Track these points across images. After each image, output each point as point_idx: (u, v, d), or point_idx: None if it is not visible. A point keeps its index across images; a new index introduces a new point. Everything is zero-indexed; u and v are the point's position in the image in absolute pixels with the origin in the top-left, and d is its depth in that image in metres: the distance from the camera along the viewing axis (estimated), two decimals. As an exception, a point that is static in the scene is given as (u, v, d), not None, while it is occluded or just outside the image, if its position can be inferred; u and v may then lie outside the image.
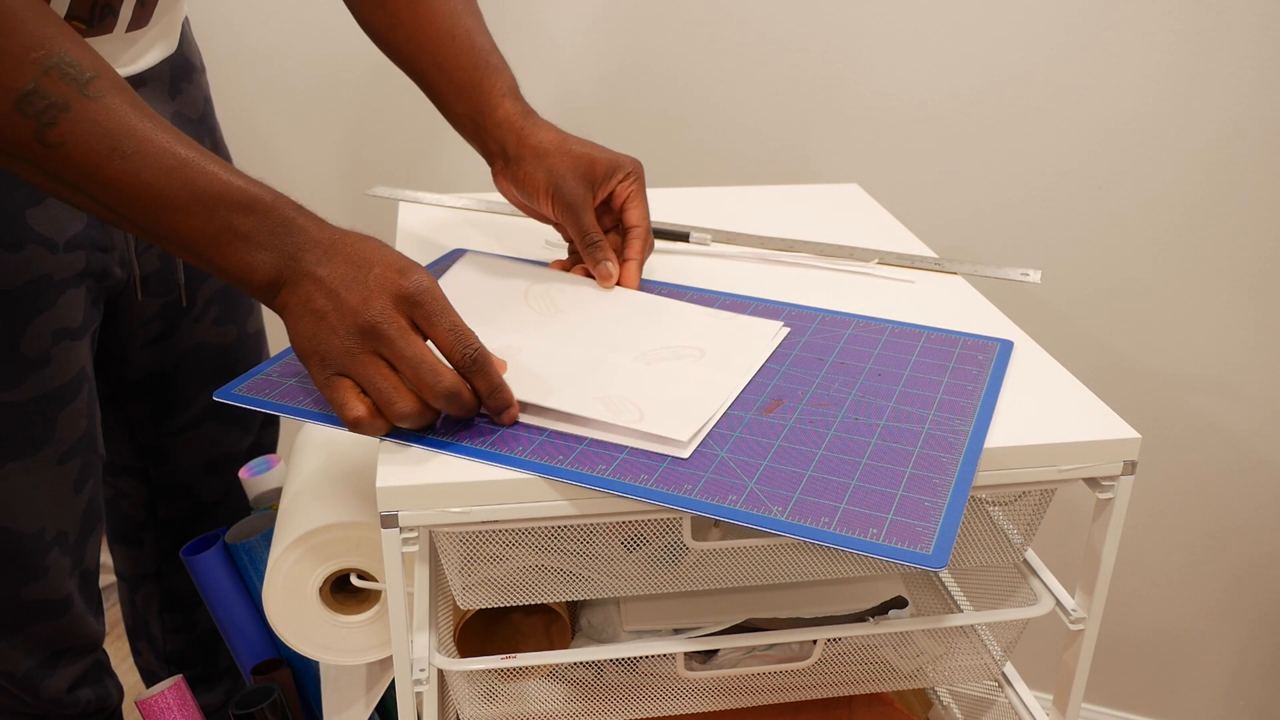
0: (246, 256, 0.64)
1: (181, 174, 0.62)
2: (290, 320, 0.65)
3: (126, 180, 0.61)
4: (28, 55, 0.59)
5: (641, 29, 1.33)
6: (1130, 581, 1.40)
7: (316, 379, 0.64)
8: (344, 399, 0.62)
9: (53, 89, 0.59)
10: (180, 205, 0.62)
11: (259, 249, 0.64)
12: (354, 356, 0.62)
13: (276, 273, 0.64)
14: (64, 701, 0.94)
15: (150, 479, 1.08)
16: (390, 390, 0.62)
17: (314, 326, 0.63)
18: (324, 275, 0.64)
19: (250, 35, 1.45)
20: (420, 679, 0.66)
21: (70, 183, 0.61)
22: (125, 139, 0.61)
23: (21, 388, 0.83)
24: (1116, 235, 1.24)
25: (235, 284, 0.65)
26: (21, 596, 0.88)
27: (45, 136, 0.59)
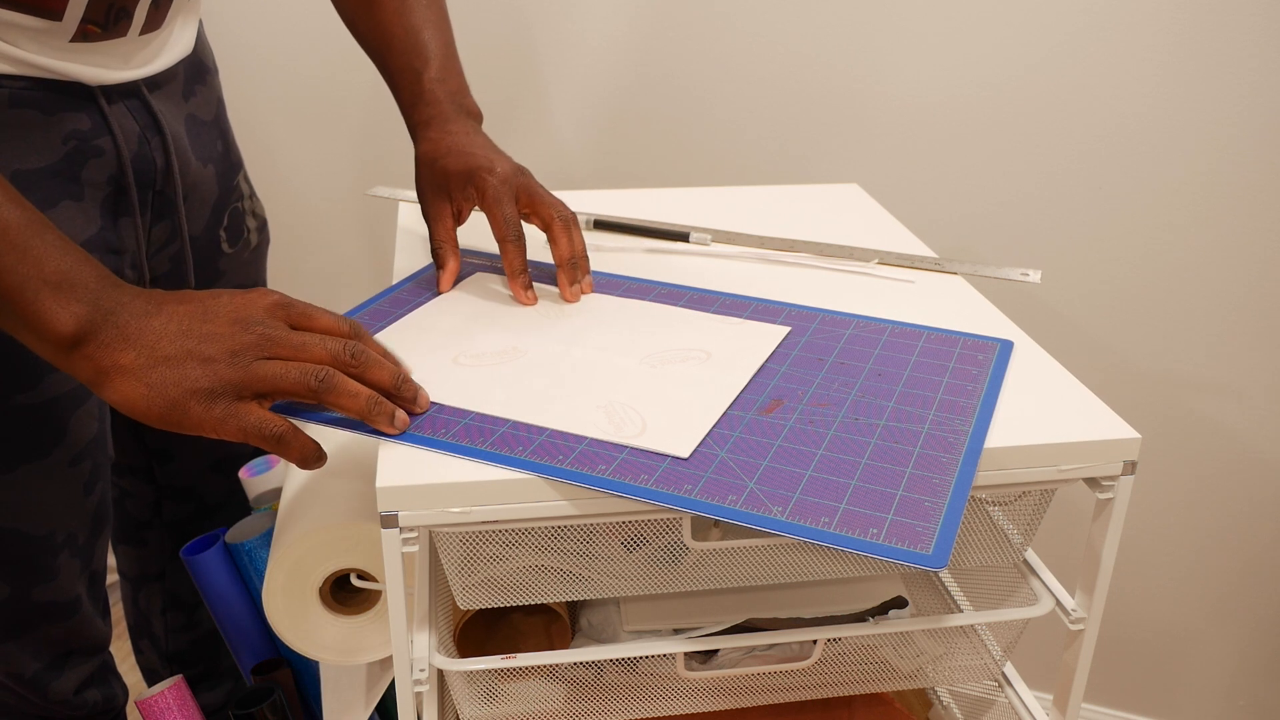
0: (51, 304, 0.59)
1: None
2: (127, 377, 0.60)
3: None
4: None
5: (641, 31, 1.33)
6: (1130, 581, 1.40)
7: (203, 417, 0.60)
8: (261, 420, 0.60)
9: None
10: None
11: (69, 299, 0.59)
12: (249, 370, 0.60)
13: (80, 327, 0.60)
14: (71, 703, 0.94)
15: (156, 479, 1.08)
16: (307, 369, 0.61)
17: (179, 369, 0.60)
18: (167, 320, 0.61)
19: (251, 36, 1.45)
20: (420, 679, 0.66)
21: None
22: None
23: (34, 391, 0.83)
24: (1116, 235, 1.24)
25: (37, 337, 0.60)
26: (31, 598, 0.88)
27: None
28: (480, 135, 0.86)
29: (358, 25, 0.92)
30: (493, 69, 1.36)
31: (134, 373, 0.60)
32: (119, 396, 0.61)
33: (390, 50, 0.89)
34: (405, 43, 0.88)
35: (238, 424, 0.60)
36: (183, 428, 0.61)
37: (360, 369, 0.64)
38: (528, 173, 0.85)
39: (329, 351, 0.63)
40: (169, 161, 0.87)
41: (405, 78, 0.88)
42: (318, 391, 0.62)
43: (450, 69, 0.88)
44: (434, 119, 0.86)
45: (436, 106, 0.86)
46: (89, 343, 0.61)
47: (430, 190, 0.86)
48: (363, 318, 0.80)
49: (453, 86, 0.88)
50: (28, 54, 0.74)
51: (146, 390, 0.60)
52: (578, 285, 0.84)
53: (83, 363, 0.61)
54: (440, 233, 0.86)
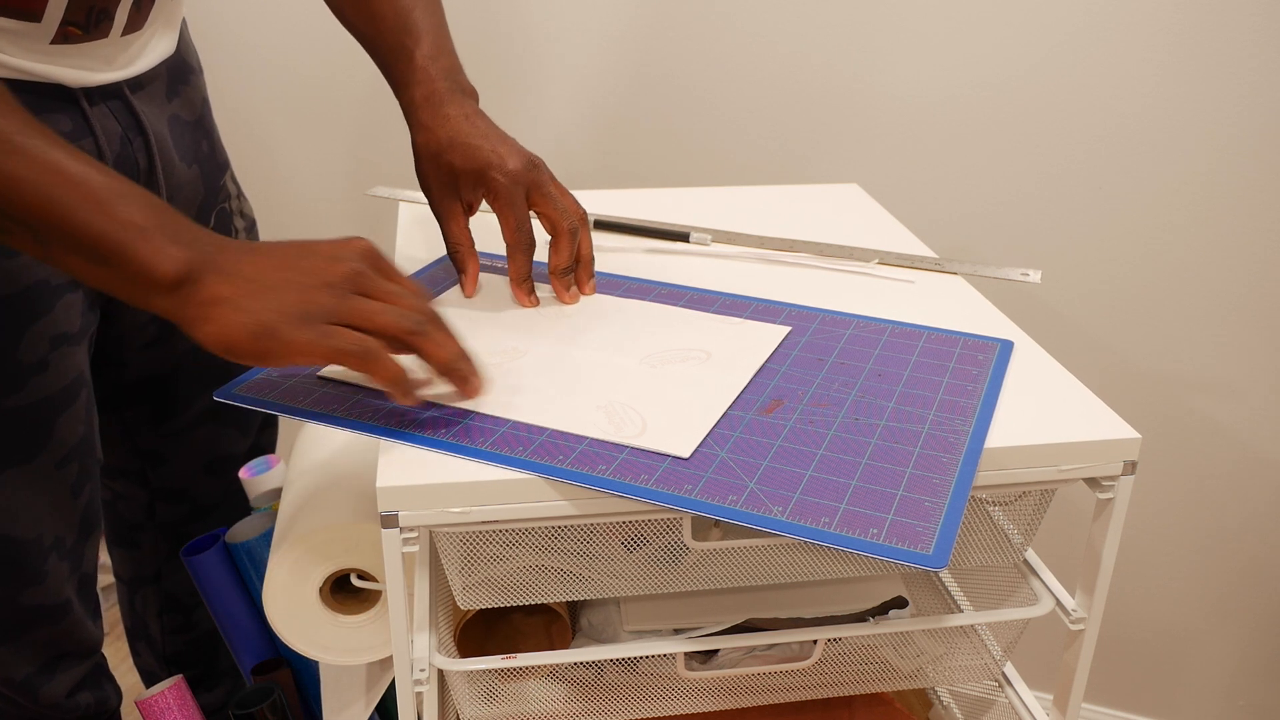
0: (157, 245, 0.60)
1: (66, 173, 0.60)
2: (225, 307, 0.61)
3: (29, 173, 0.58)
4: None
5: (640, 31, 1.33)
6: (1130, 581, 1.40)
7: (294, 338, 0.60)
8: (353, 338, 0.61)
9: None
10: (81, 196, 0.59)
11: (166, 240, 0.60)
12: (344, 300, 0.62)
13: (186, 265, 0.61)
14: (63, 706, 0.94)
15: (148, 481, 1.07)
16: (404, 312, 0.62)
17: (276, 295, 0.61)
18: (265, 256, 0.62)
19: (251, 36, 1.45)
20: (420, 679, 0.66)
21: None
22: (22, 134, 0.58)
23: (20, 394, 0.82)
24: (1116, 235, 1.24)
25: (138, 283, 0.61)
26: (20, 602, 0.88)
27: None
28: (481, 119, 0.83)
29: (346, 11, 0.90)
30: (493, 68, 1.36)
31: (231, 301, 0.61)
32: (214, 328, 0.61)
33: (380, 32, 0.87)
34: (395, 23, 0.86)
35: (329, 344, 0.61)
36: (272, 354, 0.61)
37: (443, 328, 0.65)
38: (539, 166, 0.82)
39: (417, 306, 0.64)
40: (152, 162, 0.86)
41: (397, 57, 0.85)
42: (413, 333, 0.62)
43: (443, 47, 0.86)
44: (429, 98, 0.83)
45: (430, 85, 0.84)
46: (191, 282, 0.61)
47: (437, 186, 0.84)
48: None
49: (446, 64, 0.85)
50: (7, 56, 0.74)
51: (243, 317, 0.60)
52: (574, 288, 0.84)
53: (180, 302, 0.61)
54: (455, 232, 0.84)
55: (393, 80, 0.86)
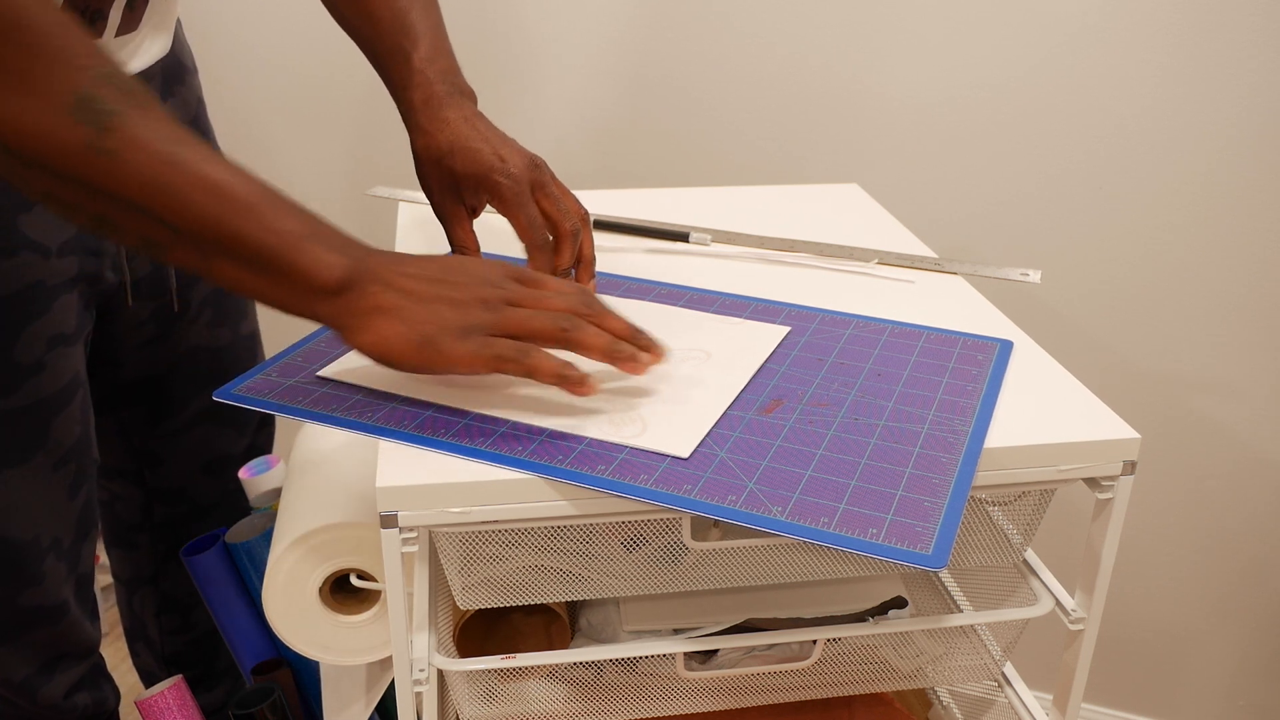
0: (318, 254, 0.61)
1: (239, 177, 0.61)
2: (389, 317, 0.63)
3: (188, 183, 0.59)
4: (80, 63, 0.57)
5: (640, 31, 1.33)
6: (1130, 581, 1.40)
7: (457, 350, 0.63)
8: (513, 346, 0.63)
9: (107, 96, 0.57)
10: (244, 206, 0.60)
11: (326, 249, 0.62)
12: (499, 313, 0.64)
13: (347, 272, 0.62)
14: (61, 707, 0.94)
15: (145, 482, 1.07)
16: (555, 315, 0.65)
17: (435, 309, 0.64)
18: (418, 269, 0.65)
19: (250, 36, 1.45)
20: (420, 679, 0.66)
21: (121, 196, 0.59)
22: (180, 145, 0.59)
23: (16, 395, 0.82)
24: (1116, 235, 1.24)
25: (300, 288, 0.62)
26: (18, 603, 0.88)
27: (101, 143, 0.57)
28: (480, 121, 0.83)
29: (343, 12, 0.90)
30: (492, 69, 1.36)
31: (393, 312, 0.63)
32: (376, 337, 0.63)
33: (377, 34, 0.86)
34: (392, 25, 0.85)
35: (490, 353, 0.63)
36: (434, 364, 0.63)
37: (597, 318, 0.67)
38: (541, 166, 0.82)
39: (568, 303, 0.66)
40: None
41: (394, 59, 0.85)
42: (567, 332, 0.64)
43: (440, 48, 0.86)
44: (428, 101, 0.83)
45: (428, 87, 0.83)
46: (351, 290, 0.63)
47: (440, 191, 0.84)
48: None
49: (444, 66, 0.85)
50: None
51: (405, 328, 0.63)
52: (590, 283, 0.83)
53: (340, 309, 0.63)
54: (460, 236, 0.84)
55: (390, 83, 0.86)
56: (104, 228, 0.61)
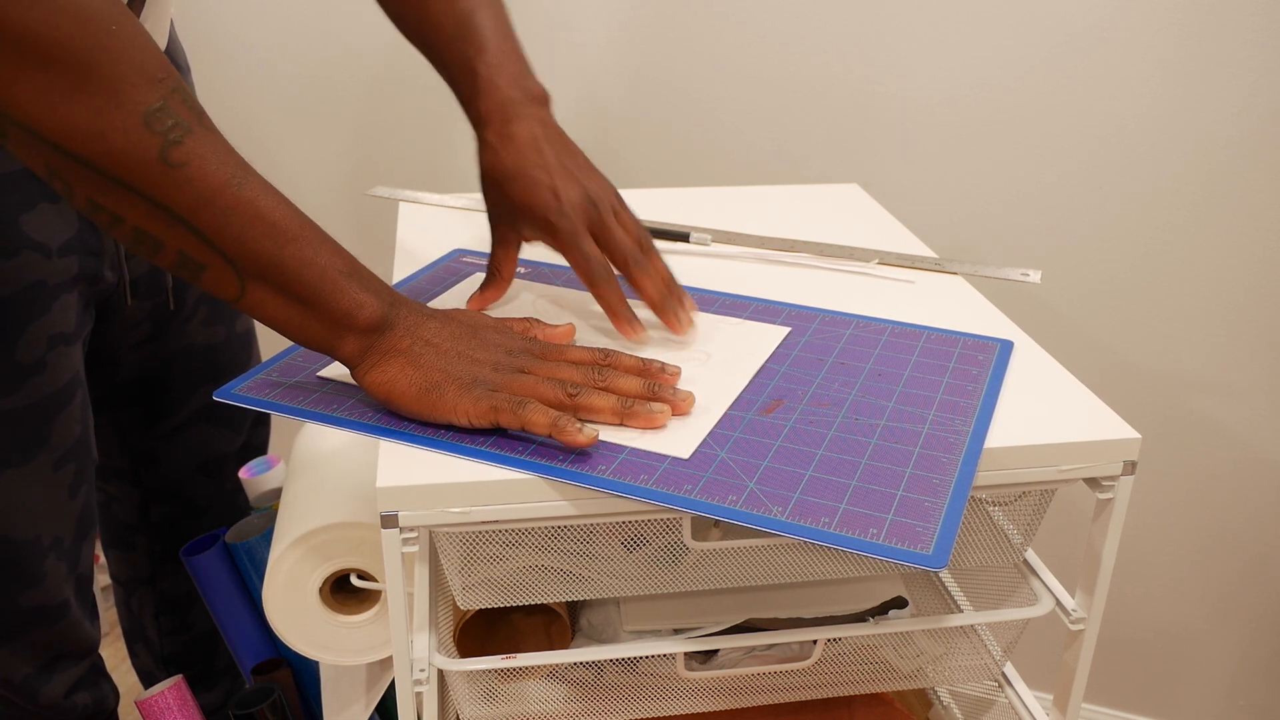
0: (355, 293, 0.64)
1: (290, 209, 0.62)
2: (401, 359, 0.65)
3: (243, 208, 0.60)
4: (157, 75, 0.58)
5: (640, 31, 1.33)
6: (1130, 581, 1.40)
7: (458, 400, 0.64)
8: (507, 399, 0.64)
9: (179, 110, 0.58)
10: (293, 237, 0.62)
11: (363, 289, 0.64)
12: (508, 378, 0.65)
13: (381, 315, 0.64)
14: (62, 707, 0.94)
15: (142, 482, 1.07)
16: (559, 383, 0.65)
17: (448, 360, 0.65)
18: (442, 324, 0.67)
19: (250, 36, 1.45)
20: (420, 679, 0.66)
21: (176, 213, 0.59)
22: (239, 169, 0.60)
23: (17, 395, 0.83)
24: (1116, 235, 1.24)
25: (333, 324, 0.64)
26: (19, 603, 0.88)
27: (170, 155, 0.58)
28: (548, 142, 0.79)
29: (405, 18, 0.86)
30: (493, 69, 1.36)
31: (407, 355, 0.65)
32: (385, 376, 0.65)
33: (441, 40, 0.83)
34: (455, 30, 0.82)
35: (489, 403, 0.63)
36: (433, 412, 0.64)
37: (607, 384, 0.67)
38: (599, 199, 0.78)
39: (580, 373, 0.67)
40: None
41: (461, 70, 0.82)
42: (573, 397, 0.65)
43: (508, 51, 0.82)
44: (496, 112, 0.80)
45: (496, 95, 0.80)
46: (379, 332, 0.65)
47: (496, 212, 0.81)
48: None
49: (513, 70, 0.81)
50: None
51: (414, 371, 0.65)
52: (683, 314, 0.78)
53: (363, 348, 0.65)
54: (498, 258, 0.82)
55: (457, 92, 0.83)
56: (144, 242, 0.61)
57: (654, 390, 0.67)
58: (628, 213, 0.81)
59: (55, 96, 0.56)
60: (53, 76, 0.55)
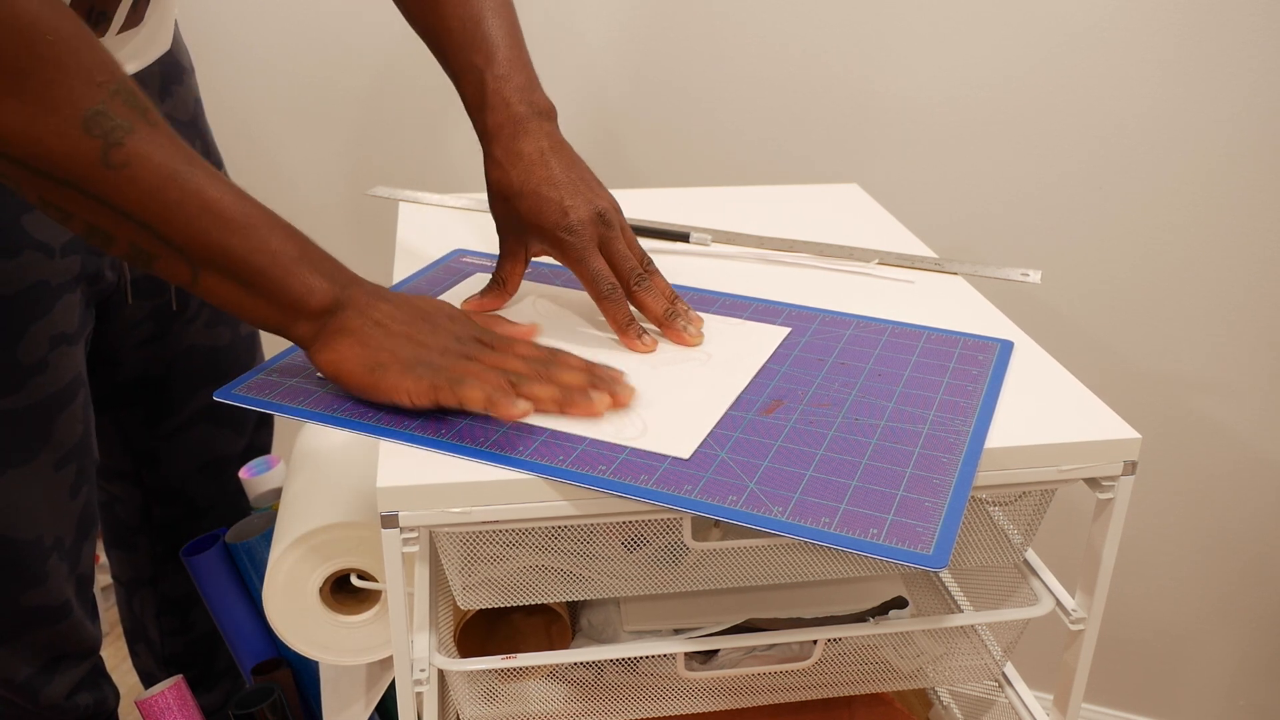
0: (305, 277, 0.64)
1: (237, 198, 0.63)
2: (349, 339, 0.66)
3: (188, 200, 0.61)
4: (95, 78, 0.59)
5: (640, 31, 1.33)
6: (1130, 581, 1.40)
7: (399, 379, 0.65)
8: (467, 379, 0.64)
9: (119, 112, 0.59)
10: (240, 225, 0.62)
11: (314, 273, 0.65)
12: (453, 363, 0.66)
13: (333, 298, 0.65)
14: (63, 707, 0.94)
15: (144, 482, 1.07)
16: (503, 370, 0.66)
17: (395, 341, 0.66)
18: (393, 308, 0.67)
19: (250, 36, 1.45)
20: (420, 679, 0.66)
21: (123, 210, 0.60)
22: (184, 163, 0.61)
23: (19, 394, 0.83)
24: (1116, 235, 1.24)
25: (285, 308, 0.65)
26: (21, 603, 0.88)
27: (110, 157, 0.59)
28: (555, 156, 0.79)
29: (416, 18, 0.85)
30: (493, 69, 1.36)
31: (356, 335, 0.66)
32: (334, 355, 0.66)
33: (450, 45, 0.82)
34: (464, 36, 0.81)
35: (429, 381, 0.64)
36: (377, 390, 0.65)
37: (549, 376, 0.67)
38: (606, 218, 0.78)
39: (524, 363, 0.68)
40: None
41: (468, 78, 0.81)
42: (515, 386, 0.65)
43: (516, 62, 0.81)
44: (503, 127, 0.79)
45: (505, 110, 0.80)
46: (331, 314, 0.66)
47: (504, 226, 0.82)
48: None
49: (520, 82, 0.81)
50: None
51: (360, 349, 0.65)
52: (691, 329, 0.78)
53: (315, 330, 0.66)
54: (505, 269, 0.82)
55: (465, 100, 0.83)
56: (95, 236, 0.62)
57: (594, 382, 0.68)
58: (630, 231, 0.81)
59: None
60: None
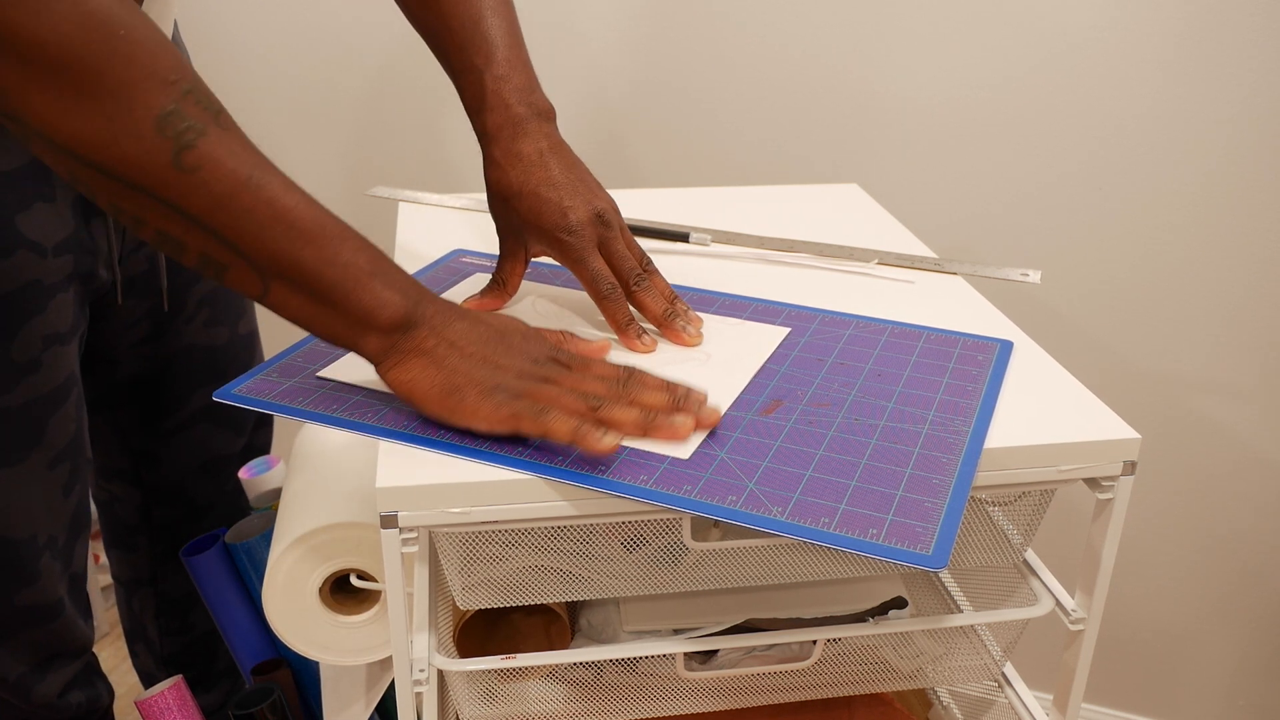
0: (377, 291, 0.63)
1: (311, 207, 0.62)
2: (425, 359, 0.64)
3: (260, 208, 0.59)
4: (169, 77, 0.57)
5: (640, 31, 1.33)
6: (1130, 581, 1.40)
7: (478, 406, 0.63)
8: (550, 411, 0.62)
9: (192, 113, 0.58)
10: (313, 236, 0.61)
11: (386, 286, 0.63)
12: (530, 387, 0.64)
13: (405, 313, 0.63)
14: (56, 705, 0.94)
15: (143, 482, 1.07)
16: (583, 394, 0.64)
17: (472, 365, 0.64)
18: (469, 327, 0.65)
19: (250, 36, 1.45)
20: (420, 679, 0.66)
21: (193, 216, 0.59)
22: (257, 169, 0.60)
23: (13, 394, 0.83)
24: (1116, 235, 1.24)
25: (355, 322, 0.63)
26: (14, 602, 0.88)
27: (182, 160, 0.57)
28: (554, 157, 0.79)
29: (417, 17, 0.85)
30: (493, 69, 1.36)
31: (430, 355, 0.64)
32: (408, 375, 0.64)
33: (450, 45, 0.82)
34: (463, 36, 0.81)
35: (510, 410, 0.63)
36: (454, 415, 0.64)
37: (634, 396, 0.65)
38: (606, 218, 0.78)
39: (604, 386, 0.65)
40: None
41: (467, 79, 0.81)
42: (595, 410, 0.63)
43: (515, 63, 0.81)
44: (503, 128, 0.79)
45: (504, 111, 0.80)
46: (403, 330, 0.64)
47: (504, 227, 0.81)
48: None
49: (519, 83, 0.80)
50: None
51: (436, 372, 0.64)
52: (690, 329, 0.78)
53: (387, 346, 0.64)
54: (505, 270, 0.82)
55: (465, 101, 0.83)
56: (166, 243, 0.61)
57: (678, 404, 0.66)
58: (629, 232, 0.81)
59: (66, 105, 0.56)
60: (62, 85, 0.55)
